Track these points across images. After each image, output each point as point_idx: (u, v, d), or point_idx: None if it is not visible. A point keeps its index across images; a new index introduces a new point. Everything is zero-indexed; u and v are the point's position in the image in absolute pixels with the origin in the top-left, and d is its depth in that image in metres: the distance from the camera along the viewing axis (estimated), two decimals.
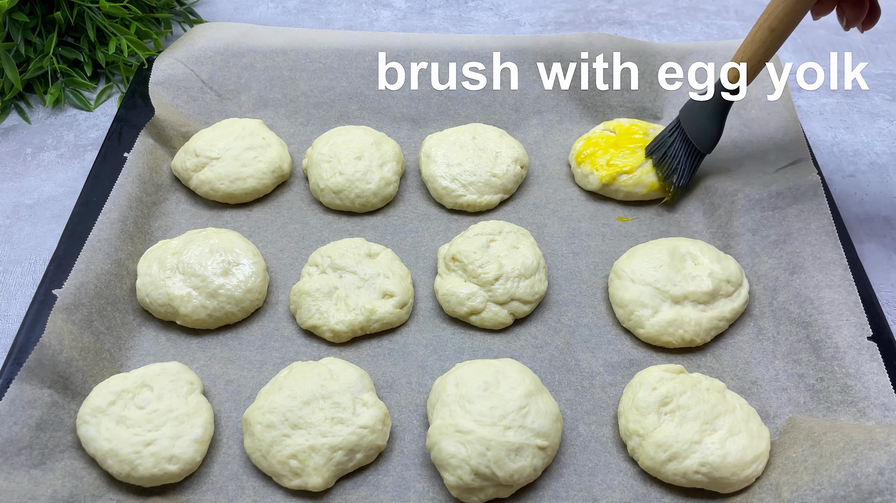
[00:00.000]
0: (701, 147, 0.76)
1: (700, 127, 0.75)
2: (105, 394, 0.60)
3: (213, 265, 0.69)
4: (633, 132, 0.82)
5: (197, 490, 0.60)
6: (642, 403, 0.61)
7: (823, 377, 0.63)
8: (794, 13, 0.63)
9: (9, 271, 0.76)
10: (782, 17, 0.64)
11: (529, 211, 0.81)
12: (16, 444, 0.56)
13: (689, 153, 0.77)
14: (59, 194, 0.83)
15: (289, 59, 0.89)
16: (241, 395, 0.65)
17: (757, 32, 0.66)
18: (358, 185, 0.78)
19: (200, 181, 0.78)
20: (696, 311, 0.68)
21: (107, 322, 0.66)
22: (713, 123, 0.74)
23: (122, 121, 0.87)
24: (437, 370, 0.67)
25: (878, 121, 0.95)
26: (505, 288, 0.69)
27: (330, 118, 0.89)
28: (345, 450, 0.59)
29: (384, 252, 0.73)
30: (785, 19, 0.64)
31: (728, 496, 0.59)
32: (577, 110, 0.90)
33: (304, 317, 0.68)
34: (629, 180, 0.79)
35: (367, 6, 1.12)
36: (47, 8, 0.91)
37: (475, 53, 0.89)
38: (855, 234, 0.81)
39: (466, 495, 0.58)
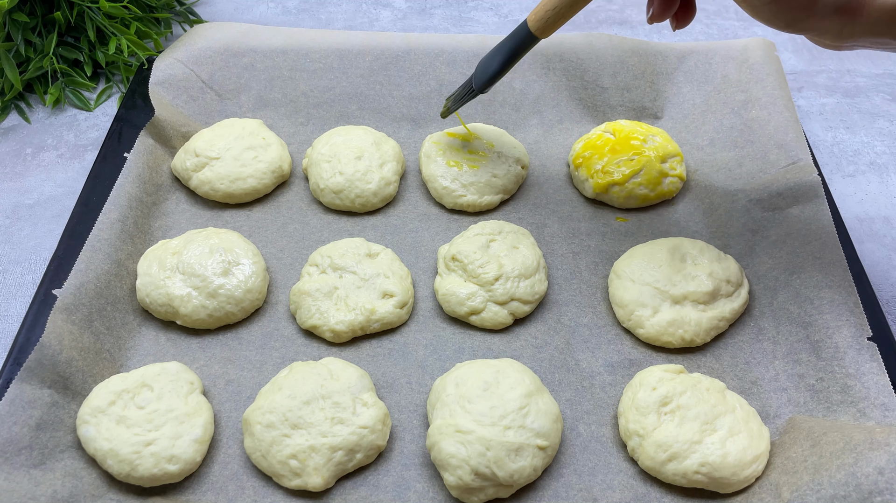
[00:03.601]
0: (476, 83, 0.73)
1: (487, 64, 0.72)
2: (105, 394, 0.60)
3: (213, 265, 0.69)
4: (632, 136, 0.82)
5: (197, 490, 0.60)
6: (642, 403, 0.61)
7: (823, 377, 0.63)
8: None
9: (9, 271, 0.76)
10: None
11: (529, 211, 0.81)
12: (16, 444, 0.56)
13: (465, 88, 0.75)
14: (59, 194, 0.83)
15: (289, 59, 0.89)
16: (241, 395, 0.65)
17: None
18: (358, 185, 0.78)
19: (200, 181, 0.78)
20: (696, 311, 0.68)
21: (107, 322, 0.66)
22: (497, 61, 0.70)
23: (122, 121, 0.87)
24: (437, 370, 0.67)
25: (878, 121, 0.95)
26: (505, 288, 0.69)
27: (330, 118, 0.89)
28: (345, 450, 0.59)
29: (384, 252, 0.73)
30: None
31: (728, 496, 0.59)
32: (577, 110, 0.90)
33: (304, 317, 0.68)
34: (621, 192, 0.79)
35: (367, 6, 1.12)
36: (47, 8, 0.91)
37: (475, 53, 0.89)
38: (855, 234, 0.81)
39: (466, 495, 0.58)
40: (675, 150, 0.82)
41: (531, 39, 0.67)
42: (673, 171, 0.80)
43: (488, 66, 0.71)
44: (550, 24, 0.64)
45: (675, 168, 0.81)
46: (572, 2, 0.62)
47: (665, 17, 0.61)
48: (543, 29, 0.65)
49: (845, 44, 0.54)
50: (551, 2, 0.63)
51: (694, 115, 0.87)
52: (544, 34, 0.66)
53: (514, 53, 0.69)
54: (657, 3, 0.61)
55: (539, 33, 0.66)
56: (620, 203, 0.80)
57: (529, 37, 0.67)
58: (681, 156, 0.82)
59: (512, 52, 0.69)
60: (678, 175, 0.81)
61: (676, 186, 0.81)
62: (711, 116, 0.86)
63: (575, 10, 0.63)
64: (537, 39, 0.67)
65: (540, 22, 0.65)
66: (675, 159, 0.81)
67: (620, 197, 0.79)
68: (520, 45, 0.68)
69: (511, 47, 0.69)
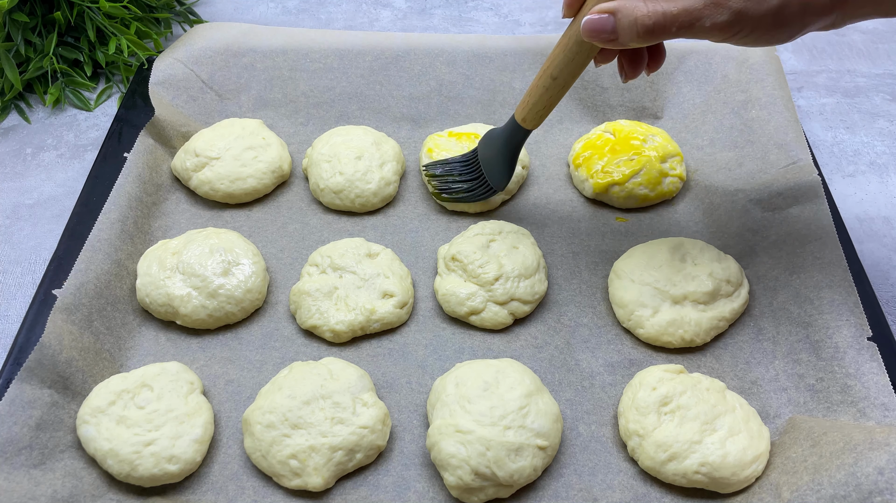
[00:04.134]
0: (493, 183, 0.75)
1: (494, 163, 0.74)
2: (105, 394, 0.60)
3: (213, 265, 0.69)
4: (632, 136, 0.82)
5: (197, 490, 0.60)
6: (642, 403, 0.61)
7: (823, 377, 0.63)
8: (574, 64, 0.61)
9: (9, 271, 0.76)
10: (563, 67, 0.62)
11: (529, 211, 0.81)
12: (16, 444, 0.56)
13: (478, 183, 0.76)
14: (59, 194, 0.83)
15: (289, 59, 0.89)
16: (241, 395, 0.65)
17: (541, 78, 0.65)
18: (358, 185, 0.78)
19: (200, 181, 0.78)
20: (696, 311, 0.68)
21: (107, 322, 0.66)
22: (504, 160, 0.73)
23: (122, 121, 0.87)
24: (437, 370, 0.67)
25: (878, 121, 0.95)
26: (505, 288, 0.69)
27: (330, 118, 0.89)
28: (345, 450, 0.59)
29: (384, 252, 0.73)
30: (566, 69, 0.62)
31: (728, 496, 0.59)
32: (577, 110, 0.90)
33: (304, 317, 0.68)
34: (621, 192, 0.79)
35: (367, 6, 1.12)
36: (47, 8, 0.91)
37: (475, 53, 0.89)
38: (855, 234, 0.81)
39: (466, 495, 0.58)
40: (675, 150, 0.82)
41: (525, 133, 0.71)
42: (673, 171, 0.80)
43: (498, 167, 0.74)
44: (538, 117, 0.68)
45: (675, 168, 0.81)
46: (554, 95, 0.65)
47: (639, 73, 0.62)
48: (533, 123, 0.69)
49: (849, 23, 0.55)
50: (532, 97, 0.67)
51: (694, 115, 0.87)
52: (533, 127, 0.70)
53: (515, 149, 0.73)
54: (626, 65, 0.62)
55: (529, 127, 0.70)
56: (620, 203, 0.80)
57: (523, 132, 0.71)
58: (681, 156, 0.82)
59: (512, 149, 0.73)
60: (678, 175, 0.81)
61: (676, 186, 0.81)
62: (711, 116, 0.86)
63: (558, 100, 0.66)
64: (528, 132, 0.71)
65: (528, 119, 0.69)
66: (675, 159, 0.81)
67: (620, 197, 0.79)
68: (516, 140, 0.72)
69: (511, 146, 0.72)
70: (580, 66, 0.62)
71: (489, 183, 0.75)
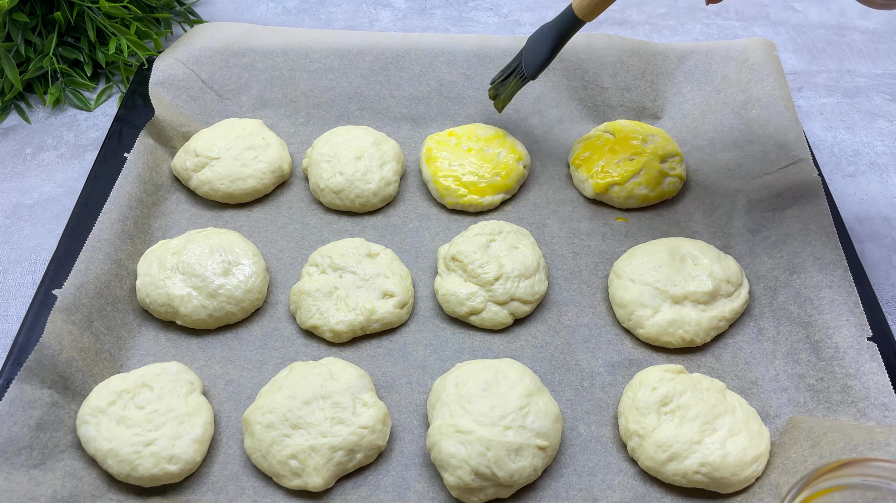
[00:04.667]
0: (526, 69, 0.75)
1: (536, 50, 0.74)
2: (105, 394, 0.60)
3: (213, 265, 0.69)
4: (631, 136, 0.82)
5: (197, 490, 0.60)
6: (642, 403, 0.61)
7: (823, 377, 0.63)
8: None
9: (9, 271, 0.76)
10: None
11: (529, 211, 0.81)
12: (16, 444, 0.56)
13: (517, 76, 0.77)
14: (59, 194, 0.83)
15: (289, 59, 0.89)
16: (241, 395, 0.65)
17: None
18: (358, 185, 0.78)
19: (200, 181, 0.78)
20: (696, 311, 0.68)
21: (107, 322, 0.66)
22: (546, 48, 0.72)
23: (122, 121, 0.87)
24: (437, 370, 0.67)
25: (878, 121, 0.95)
26: (505, 288, 0.69)
27: (330, 118, 0.89)
28: (345, 450, 0.59)
29: (384, 252, 0.73)
30: None
31: (728, 496, 0.59)
32: (577, 110, 0.90)
33: (304, 317, 0.68)
34: (621, 192, 0.79)
35: (367, 6, 1.12)
36: (47, 8, 0.91)
37: (475, 53, 0.89)
38: (855, 234, 0.81)
39: (466, 495, 0.58)
40: (675, 150, 0.82)
41: (577, 23, 0.69)
42: (673, 171, 0.80)
43: (537, 53, 0.73)
44: (595, 7, 0.66)
45: (675, 168, 0.81)
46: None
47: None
48: (588, 13, 0.67)
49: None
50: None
51: (694, 115, 0.87)
52: (589, 17, 0.68)
53: (561, 38, 0.71)
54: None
55: (584, 17, 0.68)
56: (620, 203, 0.80)
57: (575, 21, 0.69)
58: (681, 156, 0.82)
59: (559, 37, 0.71)
60: (678, 175, 0.81)
61: (676, 186, 0.81)
62: (711, 116, 0.86)
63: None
64: (582, 23, 0.69)
65: (584, 7, 0.67)
66: (675, 159, 0.81)
67: (620, 197, 0.79)
68: (566, 29, 0.70)
69: (558, 32, 0.71)
70: None
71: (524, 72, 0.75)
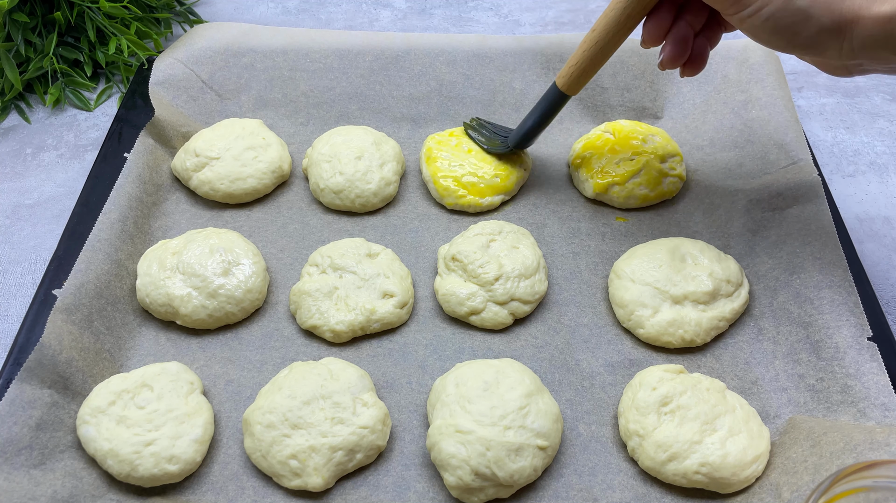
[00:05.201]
0: (511, 139, 0.78)
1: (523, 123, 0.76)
2: (105, 394, 0.60)
3: (213, 265, 0.69)
4: (631, 136, 0.82)
5: (197, 490, 0.60)
6: (642, 403, 0.61)
7: (823, 377, 0.63)
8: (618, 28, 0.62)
9: (9, 271, 0.76)
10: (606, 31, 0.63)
11: (529, 211, 0.81)
12: (16, 444, 0.56)
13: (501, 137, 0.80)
14: (59, 194, 0.83)
15: (289, 59, 0.89)
16: (241, 395, 0.65)
17: (584, 42, 0.66)
18: (358, 185, 0.78)
19: (200, 181, 0.78)
20: (697, 311, 0.68)
21: (107, 322, 0.66)
22: (533, 121, 0.75)
23: (122, 121, 0.87)
24: (437, 370, 0.67)
25: (878, 121, 0.95)
26: (505, 288, 0.69)
27: (330, 118, 0.89)
28: (345, 450, 0.59)
29: (384, 252, 0.73)
30: (609, 33, 0.63)
31: (728, 496, 0.59)
32: (577, 110, 0.90)
33: (304, 318, 0.68)
34: (621, 192, 0.79)
35: (367, 6, 1.12)
36: (47, 8, 0.91)
37: (475, 53, 0.89)
38: (855, 234, 0.81)
39: (466, 495, 0.58)
40: (675, 149, 0.82)
41: (562, 98, 0.72)
42: (673, 171, 0.80)
43: (523, 124, 0.76)
44: (575, 80, 0.69)
45: (675, 168, 0.81)
46: (592, 57, 0.66)
47: (676, 66, 0.63)
48: (570, 86, 0.70)
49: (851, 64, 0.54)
50: (574, 59, 0.68)
51: (694, 115, 0.87)
52: (572, 91, 0.71)
53: (548, 112, 0.74)
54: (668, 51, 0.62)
55: (568, 91, 0.71)
56: (620, 203, 0.80)
57: (560, 95, 0.72)
58: (681, 156, 0.82)
59: (545, 111, 0.74)
60: (678, 175, 0.81)
61: (676, 186, 0.81)
62: (711, 116, 0.86)
63: (597, 66, 0.68)
64: (567, 97, 0.72)
65: (566, 80, 0.70)
66: (675, 159, 0.81)
67: (620, 197, 0.79)
68: (552, 104, 0.73)
69: (544, 107, 0.74)
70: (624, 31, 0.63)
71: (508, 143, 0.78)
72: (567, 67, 0.69)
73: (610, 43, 0.64)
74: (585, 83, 0.70)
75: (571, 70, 0.68)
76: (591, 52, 0.66)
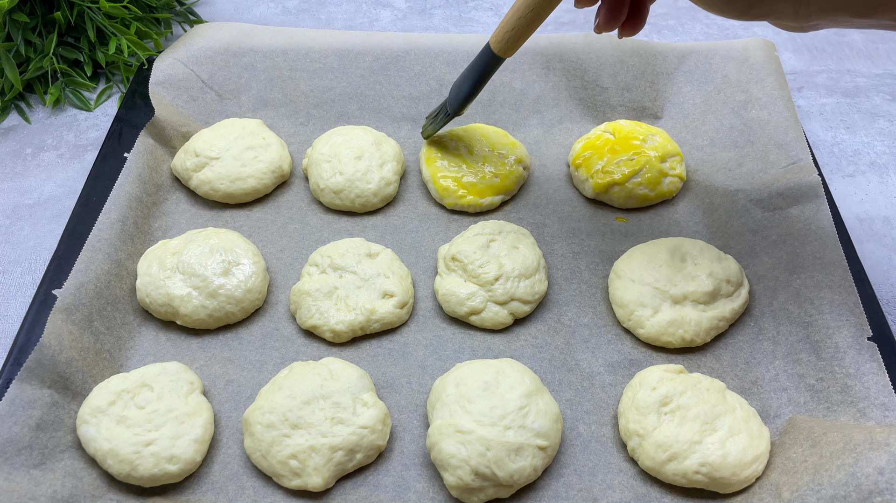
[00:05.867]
0: (450, 106, 0.76)
1: (459, 87, 0.75)
2: (105, 394, 0.60)
3: (213, 265, 0.69)
4: (632, 136, 0.82)
5: (197, 490, 0.60)
6: (642, 403, 0.61)
7: (823, 377, 0.63)
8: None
9: (9, 271, 0.76)
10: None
11: (529, 211, 0.81)
12: (16, 444, 0.56)
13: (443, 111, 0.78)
14: (59, 194, 0.83)
15: (289, 59, 0.89)
16: (241, 395, 0.65)
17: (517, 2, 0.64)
18: (358, 185, 0.78)
19: (200, 181, 0.78)
20: (696, 311, 0.68)
21: (107, 322, 0.66)
22: (468, 84, 0.73)
23: (122, 121, 0.87)
24: (437, 370, 0.67)
25: (878, 121, 0.95)
26: (505, 288, 0.69)
27: (330, 118, 0.89)
28: (345, 450, 0.59)
29: (384, 252, 0.73)
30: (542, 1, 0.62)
31: (728, 496, 0.59)
32: (577, 110, 0.90)
33: (304, 317, 0.68)
34: (621, 192, 0.79)
35: (367, 6, 1.12)
36: (47, 8, 0.91)
37: (475, 53, 0.89)
38: (855, 234, 0.81)
39: (466, 495, 0.58)
40: (675, 149, 0.82)
41: (496, 60, 0.70)
42: (673, 171, 0.80)
43: (460, 89, 0.74)
44: (511, 44, 0.67)
45: (675, 168, 0.81)
46: (528, 22, 0.64)
47: (613, 27, 0.61)
48: (505, 49, 0.68)
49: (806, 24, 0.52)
50: (508, 23, 0.66)
51: (694, 115, 0.87)
52: (507, 54, 0.69)
53: (483, 75, 0.72)
54: (603, 13, 0.60)
55: (502, 54, 0.69)
56: (620, 203, 0.80)
57: (494, 58, 0.70)
58: (681, 156, 0.82)
59: (480, 74, 0.72)
60: (678, 175, 0.81)
61: (676, 186, 0.81)
62: (711, 116, 0.86)
63: (532, 29, 0.66)
64: (501, 60, 0.70)
65: (501, 43, 0.68)
66: (675, 159, 0.81)
67: (620, 197, 0.79)
68: (486, 66, 0.71)
69: (478, 70, 0.72)
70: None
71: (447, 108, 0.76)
72: (503, 32, 0.67)
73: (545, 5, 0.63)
74: (520, 47, 0.68)
75: (507, 35, 0.66)
76: (528, 16, 0.64)
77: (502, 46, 0.68)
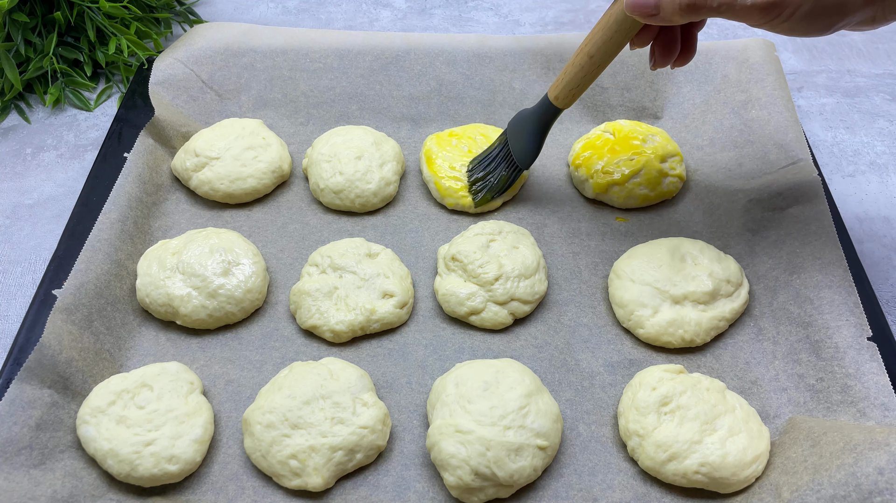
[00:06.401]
0: (519, 161, 0.76)
1: (522, 141, 0.75)
2: (105, 394, 0.60)
3: (213, 265, 0.69)
4: (632, 136, 0.82)
5: (197, 490, 0.60)
6: (642, 403, 0.61)
7: (823, 377, 0.63)
8: (612, 43, 0.63)
9: (9, 271, 0.76)
10: (600, 45, 0.64)
11: (529, 211, 0.81)
12: (16, 444, 0.56)
13: (509, 167, 0.77)
14: (59, 194, 0.83)
15: (289, 59, 0.89)
16: (241, 395, 0.65)
17: (577, 56, 0.66)
18: (358, 185, 0.78)
19: (200, 181, 0.78)
20: (696, 311, 0.68)
21: (107, 322, 0.66)
22: (533, 139, 0.74)
23: (122, 121, 0.87)
24: (437, 370, 0.67)
25: (878, 121, 0.95)
26: (505, 288, 0.69)
27: (330, 118, 0.89)
28: (345, 450, 0.59)
29: (384, 252, 0.73)
30: (603, 47, 0.64)
31: (728, 496, 0.59)
32: (577, 110, 0.90)
33: (304, 317, 0.68)
34: (621, 192, 0.79)
35: (367, 6, 1.12)
36: (47, 8, 0.91)
37: (475, 53, 0.89)
38: (855, 234, 0.81)
39: (466, 495, 0.58)
40: (675, 149, 0.82)
41: (556, 112, 0.72)
42: (673, 171, 0.80)
43: (526, 145, 0.75)
44: (573, 97, 0.70)
45: (675, 168, 0.81)
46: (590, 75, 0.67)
47: (668, 63, 0.64)
48: (567, 103, 0.71)
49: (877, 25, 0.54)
50: (570, 77, 0.68)
51: (694, 115, 0.87)
52: (565, 106, 0.71)
53: (544, 128, 0.74)
54: (658, 52, 0.63)
55: (562, 106, 0.71)
56: (620, 203, 0.80)
57: (554, 110, 0.72)
58: (681, 156, 0.82)
59: (542, 127, 0.74)
60: (678, 175, 0.81)
61: (676, 186, 0.81)
62: (711, 116, 0.86)
63: (593, 80, 0.68)
64: (560, 111, 0.72)
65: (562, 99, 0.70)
66: (675, 159, 0.81)
67: (620, 197, 0.79)
68: (547, 118, 0.73)
69: (540, 123, 0.73)
70: (618, 46, 0.63)
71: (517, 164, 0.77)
72: (564, 86, 0.69)
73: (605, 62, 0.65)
74: (579, 96, 0.70)
75: (571, 91, 0.68)
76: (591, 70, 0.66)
77: (564, 101, 0.70)
